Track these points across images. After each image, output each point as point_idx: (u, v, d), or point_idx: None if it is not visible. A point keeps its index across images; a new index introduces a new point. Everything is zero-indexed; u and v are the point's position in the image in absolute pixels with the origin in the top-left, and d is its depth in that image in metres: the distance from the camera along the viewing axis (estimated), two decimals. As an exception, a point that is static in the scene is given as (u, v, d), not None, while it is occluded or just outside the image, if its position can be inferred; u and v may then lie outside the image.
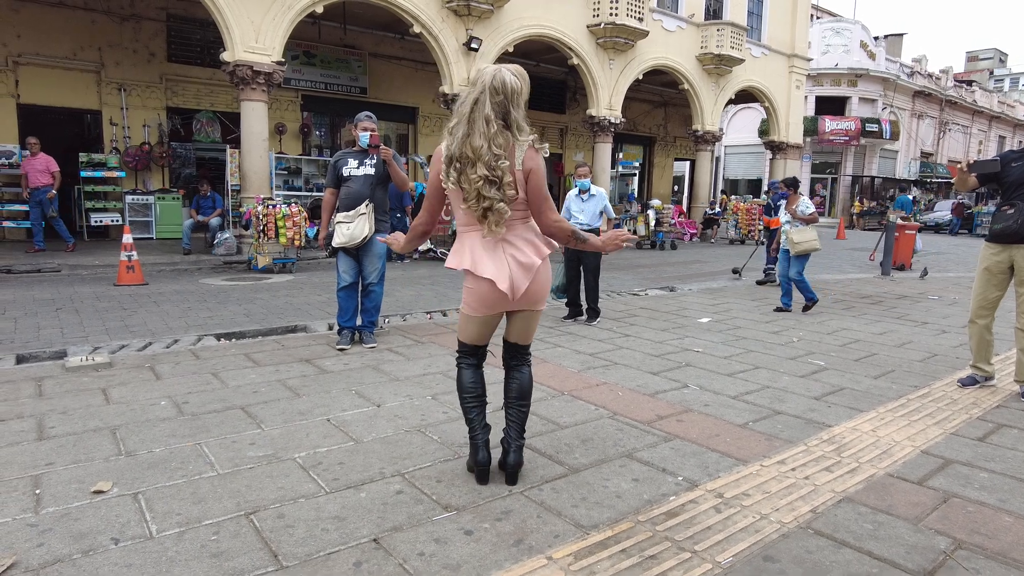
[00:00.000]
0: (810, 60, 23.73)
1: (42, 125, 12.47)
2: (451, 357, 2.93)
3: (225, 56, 10.93)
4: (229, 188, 12.70)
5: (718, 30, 18.12)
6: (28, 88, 12.37)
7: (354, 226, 5.01)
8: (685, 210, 21.15)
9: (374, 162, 5.10)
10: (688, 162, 24.39)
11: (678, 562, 2.24)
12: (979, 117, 40.31)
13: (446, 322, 6.27)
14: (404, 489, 2.74)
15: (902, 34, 37.44)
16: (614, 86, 16.54)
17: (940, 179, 36.05)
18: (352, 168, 5.10)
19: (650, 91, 21.43)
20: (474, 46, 13.35)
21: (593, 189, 6.49)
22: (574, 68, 16.21)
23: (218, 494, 2.65)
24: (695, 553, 2.29)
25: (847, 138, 30.24)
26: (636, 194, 22.38)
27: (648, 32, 16.18)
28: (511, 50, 14.33)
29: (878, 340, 5.89)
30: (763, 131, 24.56)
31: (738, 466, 3.04)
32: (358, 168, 5.10)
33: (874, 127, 30.38)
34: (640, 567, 2.21)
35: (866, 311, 7.45)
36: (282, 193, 13.15)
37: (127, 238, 8.48)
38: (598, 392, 4.14)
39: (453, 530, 2.42)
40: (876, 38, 33.20)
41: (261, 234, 9.82)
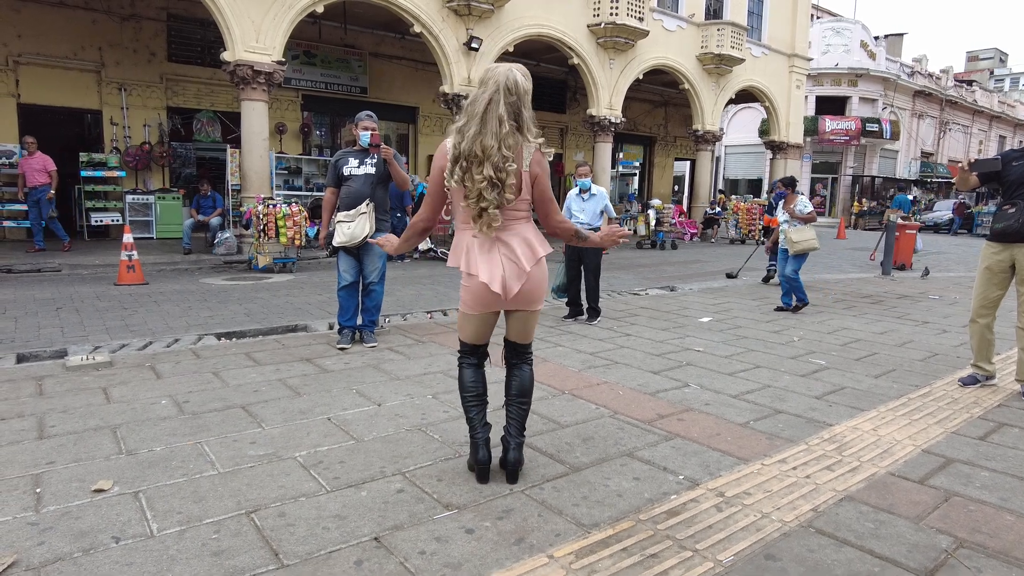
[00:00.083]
0: (810, 60, 23.73)
1: (42, 125, 12.48)
2: (452, 356, 2.93)
3: (225, 56, 10.93)
4: (229, 188, 12.71)
5: (718, 30, 18.12)
6: (28, 88, 12.37)
7: (355, 225, 5.00)
8: (685, 210, 21.14)
9: (375, 161, 5.10)
10: (688, 162, 24.39)
11: (679, 560, 2.24)
12: (979, 117, 40.30)
13: (446, 321, 6.27)
14: (405, 488, 2.73)
15: (902, 34, 37.47)
16: (614, 86, 16.53)
17: (940, 179, 36.05)
18: (353, 167, 5.10)
19: (650, 91, 21.43)
20: (474, 46, 13.35)
21: (594, 188, 6.49)
22: (574, 68, 16.21)
23: (219, 493, 2.65)
24: (696, 552, 2.29)
25: (847, 138, 30.24)
26: (636, 194, 22.41)
27: (648, 32, 16.18)
28: (511, 50, 14.33)
29: (879, 339, 5.89)
30: (763, 131, 24.57)
31: (739, 465, 3.04)
32: (359, 167, 5.10)
33: (874, 127, 30.38)
34: (641, 566, 2.21)
35: (867, 310, 7.45)
36: (282, 193, 13.16)
37: (127, 238, 8.48)
38: (599, 391, 4.14)
39: (454, 529, 2.41)
40: (876, 38, 33.20)
41: (261, 234, 9.82)
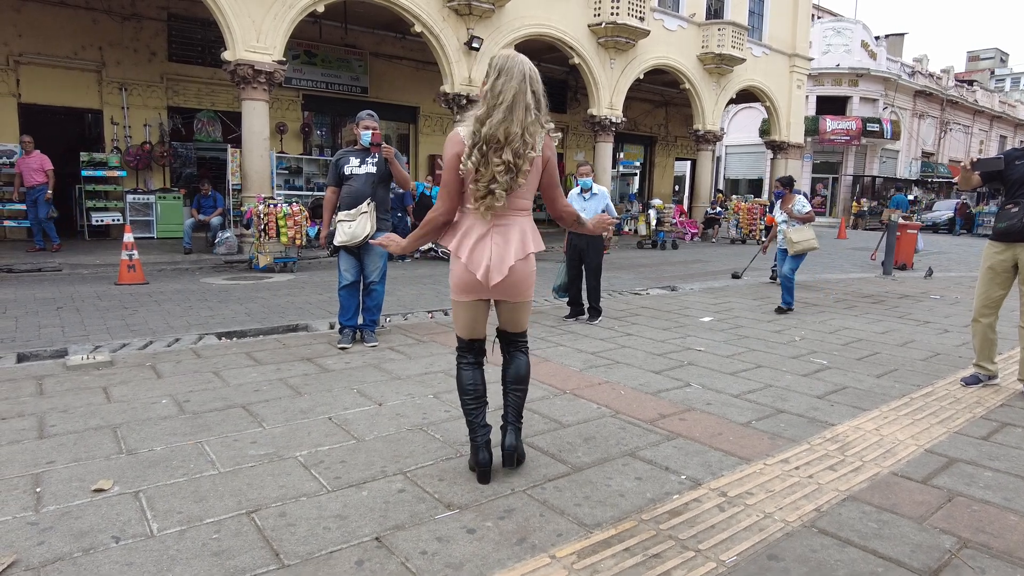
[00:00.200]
0: (811, 60, 23.71)
1: (43, 124, 12.48)
2: (453, 356, 2.92)
3: (226, 55, 10.93)
4: (230, 187, 12.71)
5: (719, 30, 18.10)
6: (29, 87, 12.37)
7: (356, 225, 5.00)
8: (686, 210, 21.13)
9: (376, 161, 5.09)
10: (689, 162, 24.37)
11: (682, 561, 2.23)
12: (980, 117, 40.28)
13: (447, 321, 6.26)
14: (406, 488, 2.73)
15: (903, 34, 37.45)
16: (615, 86, 16.52)
17: (941, 179, 36.03)
18: (354, 166, 5.09)
19: (651, 91, 21.42)
20: (475, 45, 13.34)
21: (595, 188, 6.48)
22: (575, 67, 16.20)
23: (219, 492, 2.64)
24: (699, 552, 2.28)
25: (848, 138, 30.22)
26: (637, 194, 22.42)
27: (649, 32, 16.17)
28: (512, 49, 14.32)
29: (880, 339, 5.88)
30: (764, 131, 24.56)
31: (741, 465, 3.03)
32: (360, 167, 5.09)
33: (875, 127, 30.36)
34: (644, 566, 2.20)
35: (868, 310, 7.43)
36: (283, 192, 13.17)
37: (128, 237, 8.48)
38: (600, 391, 4.13)
39: (455, 529, 2.41)
40: (877, 38, 33.18)
41: (262, 233, 9.82)
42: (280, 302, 7.40)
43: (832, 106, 31.15)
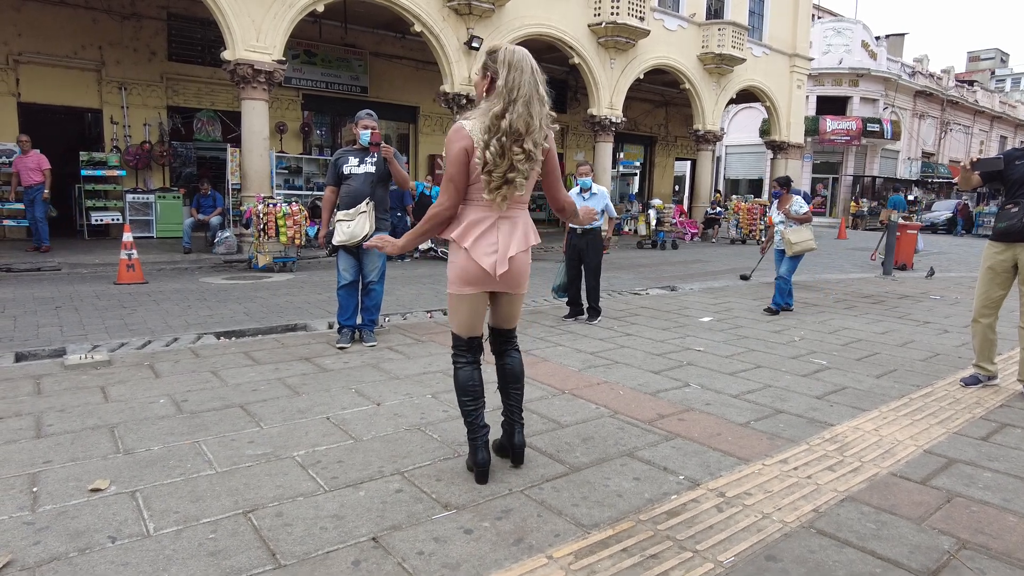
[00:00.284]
0: (811, 60, 23.70)
1: (43, 124, 12.48)
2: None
3: (226, 55, 10.92)
4: (230, 187, 12.70)
5: (719, 29, 18.10)
6: (29, 87, 12.36)
7: (354, 224, 4.99)
8: (686, 210, 21.13)
9: (375, 160, 5.08)
10: (689, 162, 24.36)
11: (679, 561, 2.22)
12: (980, 117, 40.27)
13: (446, 321, 6.25)
14: (403, 488, 2.72)
15: (903, 34, 37.42)
16: (615, 85, 16.51)
17: (941, 179, 36.02)
18: (353, 166, 5.08)
19: (651, 90, 21.41)
20: (475, 45, 13.33)
21: (595, 188, 6.46)
22: (575, 67, 16.19)
23: (216, 492, 2.63)
24: (697, 552, 2.27)
25: (848, 138, 30.21)
26: (637, 194, 22.41)
27: (649, 31, 16.16)
28: (512, 49, 14.31)
29: (880, 339, 5.87)
30: (764, 131, 24.54)
31: (740, 465, 3.02)
32: (359, 166, 5.08)
33: (875, 127, 30.35)
34: (641, 566, 2.19)
35: (868, 310, 7.43)
36: (283, 192, 13.16)
37: (127, 236, 8.47)
38: (599, 391, 4.12)
39: (453, 529, 2.40)
40: (877, 38, 33.16)
41: (261, 233, 9.82)
42: (279, 302, 7.40)
43: (832, 106, 31.13)
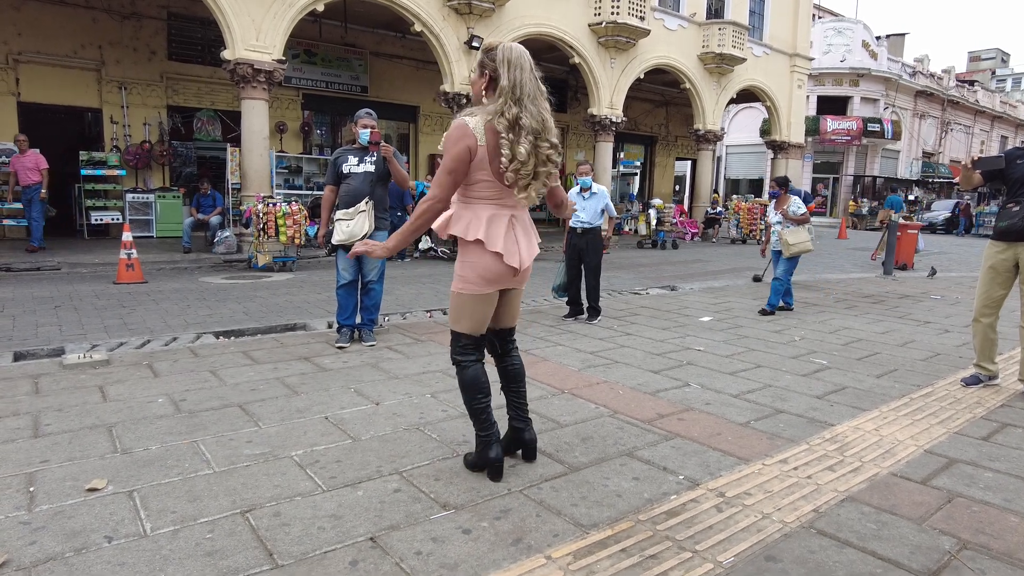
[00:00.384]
0: (812, 59, 23.68)
1: (42, 123, 12.48)
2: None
3: (226, 54, 10.91)
4: (229, 186, 12.70)
5: (720, 29, 18.08)
6: (29, 86, 12.35)
7: (354, 223, 4.98)
8: (686, 209, 21.11)
9: (374, 159, 5.08)
10: (689, 161, 24.35)
11: (679, 562, 2.21)
12: (981, 117, 40.24)
13: (446, 320, 6.23)
14: (402, 487, 2.71)
15: (904, 34, 37.41)
16: (615, 85, 16.50)
17: (942, 179, 36.00)
18: (352, 165, 5.08)
19: (651, 90, 21.40)
20: (475, 45, 13.32)
21: (595, 187, 6.45)
22: (575, 67, 16.17)
23: (214, 492, 2.62)
24: (696, 553, 2.26)
25: (849, 138, 30.19)
26: (637, 193, 22.39)
27: (649, 31, 16.15)
28: (512, 49, 14.30)
29: (880, 339, 5.86)
30: (764, 131, 24.52)
31: (740, 465, 3.01)
32: (358, 165, 5.07)
33: (876, 127, 30.33)
34: (640, 567, 2.18)
35: (868, 310, 7.41)
36: (282, 192, 13.15)
37: (127, 236, 8.46)
38: (598, 390, 4.11)
39: (451, 529, 2.39)
40: (878, 38, 33.14)
41: (261, 232, 9.81)
42: (278, 301, 7.39)
43: (833, 106, 31.11)
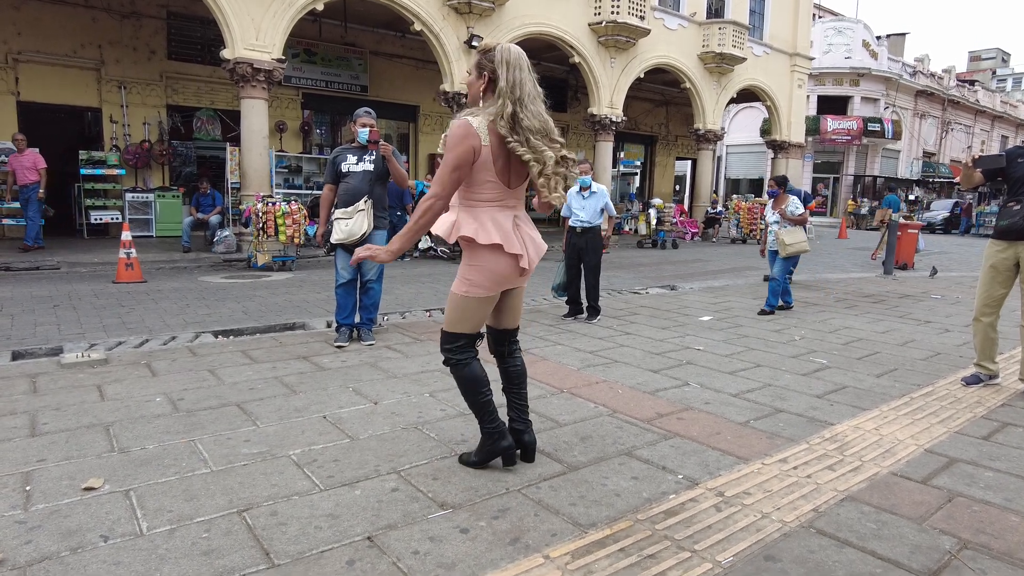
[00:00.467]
0: (812, 59, 23.66)
1: (42, 123, 12.47)
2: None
3: (225, 53, 10.90)
4: (229, 186, 12.68)
5: (720, 28, 18.07)
6: (28, 85, 12.35)
7: (353, 222, 4.96)
8: (686, 209, 21.10)
9: (373, 158, 5.06)
10: (690, 161, 24.33)
11: (677, 561, 2.20)
12: (982, 117, 40.23)
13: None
14: (399, 487, 2.70)
15: (904, 33, 37.38)
16: (615, 85, 16.49)
17: (943, 179, 35.99)
18: (351, 164, 5.06)
19: (651, 90, 21.38)
20: (475, 44, 13.30)
21: (594, 186, 6.44)
22: (575, 66, 16.16)
23: (211, 491, 2.61)
24: (695, 552, 2.25)
25: (849, 137, 30.18)
26: (637, 193, 22.38)
27: (650, 30, 16.14)
28: (512, 48, 14.30)
29: (880, 339, 5.85)
30: (765, 130, 24.50)
31: (739, 464, 3.00)
32: (357, 164, 5.06)
33: (876, 127, 30.32)
34: (639, 566, 2.17)
35: (868, 310, 7.40)
36: (282, 191, 13.14)
37: (126, 235, 8.45)
38: (598, 390, 4.10)
39: (448, 528, 2.38)
40: (878, 37, 33.12)
41: (261, 232, 9.80)
42: (278, 300, 7.38)
43: (833, 106, 31.10)
